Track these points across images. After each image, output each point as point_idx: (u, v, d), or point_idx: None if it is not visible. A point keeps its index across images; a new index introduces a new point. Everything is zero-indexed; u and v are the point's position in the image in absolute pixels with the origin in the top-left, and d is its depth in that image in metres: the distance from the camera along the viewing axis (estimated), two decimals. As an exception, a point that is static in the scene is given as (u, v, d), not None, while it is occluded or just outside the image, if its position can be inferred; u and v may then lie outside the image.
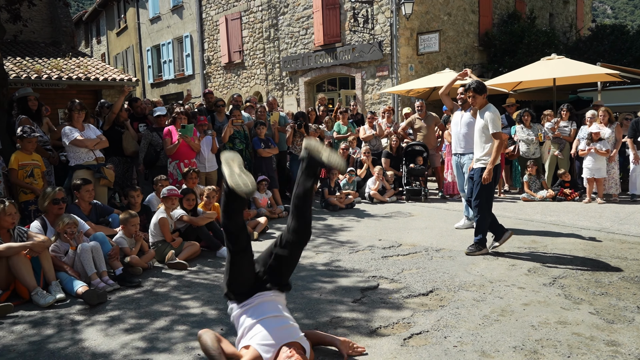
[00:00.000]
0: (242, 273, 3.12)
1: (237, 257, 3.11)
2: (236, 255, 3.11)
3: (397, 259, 5.33)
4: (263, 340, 2.87)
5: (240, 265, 3.12)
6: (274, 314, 3.02)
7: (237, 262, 3.11)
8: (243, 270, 3.12)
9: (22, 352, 3.34)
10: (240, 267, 3.12)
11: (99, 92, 15.00)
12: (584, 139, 8.66)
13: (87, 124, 6.28)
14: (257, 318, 2.98)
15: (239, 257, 3.11)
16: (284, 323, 2.99)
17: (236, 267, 3.11)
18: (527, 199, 8.91)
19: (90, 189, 5.44)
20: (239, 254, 3.11)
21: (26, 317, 3.97)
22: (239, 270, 3.12)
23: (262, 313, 3.00)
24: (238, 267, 3.11)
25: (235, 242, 3.11)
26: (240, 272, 3.12)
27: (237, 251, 3.11)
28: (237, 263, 3.11)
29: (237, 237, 3.11)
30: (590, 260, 5.08)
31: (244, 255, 3.13)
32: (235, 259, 3.11)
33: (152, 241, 5.58)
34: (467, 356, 3.09)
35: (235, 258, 3.11)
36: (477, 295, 4.16)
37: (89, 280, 4.56)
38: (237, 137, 7.90)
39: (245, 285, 3.12)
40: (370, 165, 9.42)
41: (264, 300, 3.09)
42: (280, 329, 2.93)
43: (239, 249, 3.11)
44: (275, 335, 2.87)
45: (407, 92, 13.04)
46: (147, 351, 3.30)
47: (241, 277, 3.12)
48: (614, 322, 3.53)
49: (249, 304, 3.07)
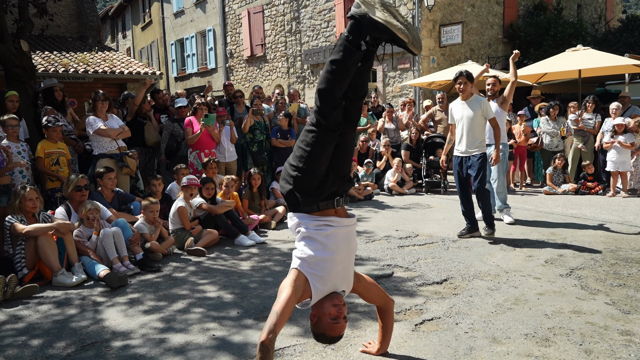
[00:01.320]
0: (322, 160, 2.48)
1: (327, 137, 2.44)
2: (326, 135, 2.44)
3: (413, 249, 5.34)
4: (317, 281, 2.52)
5: (324, 149, 2.45)
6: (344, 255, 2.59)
7: (323, 143, 2.44)
8: (324, 157, 2.48)
9: (47, 330, 3.48)
10: (323, 151, 2.45)
11: (124, 85, 15.29)
12: (608, 132, 8.48)
13: (110, 114, 6.44)
14: (327, 254, 2.52)
15: (328, 138, 2.45)
16: (348, 271, 2.65)
17: (319, 150, 2.44)
18: (549, 192, 8.79)
19: (112, 177, 5.58)
20: (329, 134, 2.44)
21: (50, 298, 4.13)
22: (321, 154, 2.46)
23: (334, 251, 2.53)
24: (321, 150, 2.44)
25: (329, 115, 2.41)
26: (320, 158, 2.47)
27: (331, 129, 2.43)
28: (322, 144, 2.44)
29: (336, 107, 2.42)
30: (610, 252, 5.00)
31: (333, 138, 2.46)
32: (323, 140, 2.44)
33: (172, 229, 5.70)
34: (478, 342, 3.10)
35: (323, 138, 2.43)
36: (492, 284, 4.15)
37: (110, 264, 4.71)
38: (257, 128, 7.98)
39: (315, 181, 2.50)
40: (389, 158, 9.41)
41: (338, 234, 2.56)
42: (343, 276, 2.61)
43: (334, 125, 2.44)
44: (332, 280, 2.55)
45: (429, 84, 12.94)
46: (164, 331, 3.40)
47: (319, 165, 2.48)
48: (629, 313, 3.49)
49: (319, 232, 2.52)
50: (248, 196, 6.89)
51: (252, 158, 7.96)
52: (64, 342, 3.27)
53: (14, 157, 5.42)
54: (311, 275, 2.51)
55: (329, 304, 2.53)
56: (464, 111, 5.78)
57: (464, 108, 5.79)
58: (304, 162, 2.47)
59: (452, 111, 5.99)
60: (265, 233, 6.37)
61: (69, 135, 6.53)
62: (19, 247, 4.50)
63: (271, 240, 5.96)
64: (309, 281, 2.50)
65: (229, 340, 3.22)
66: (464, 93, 5.75)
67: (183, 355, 3.04)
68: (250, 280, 4.47)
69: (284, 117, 8.30)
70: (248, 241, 5.73)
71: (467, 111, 5.75)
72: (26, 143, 5.84)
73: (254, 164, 7.80)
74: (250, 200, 6.92)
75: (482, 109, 5.68)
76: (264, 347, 2.32)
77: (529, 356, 2.90)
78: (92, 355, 3.07)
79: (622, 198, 8.12)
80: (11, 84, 7.49)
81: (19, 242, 4.51)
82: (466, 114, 5.76)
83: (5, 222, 4.56)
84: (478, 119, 5.70)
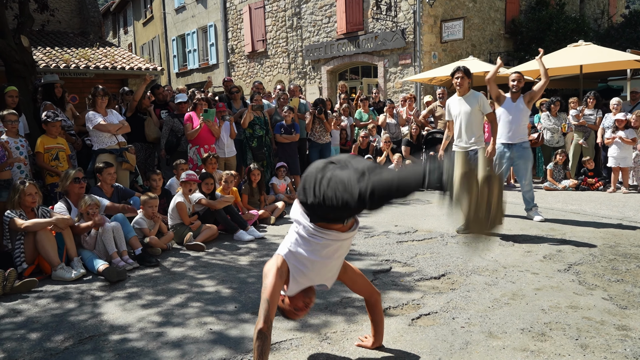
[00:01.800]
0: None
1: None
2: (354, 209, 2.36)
3: (412, 244, 5.34)
4: (297, 271, 2.55)
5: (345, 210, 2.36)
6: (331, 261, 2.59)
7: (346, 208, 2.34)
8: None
9: (45, 324, 3.50)
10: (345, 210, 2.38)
11: (126, 81, 15.29)
12: (609, 128, 8.46)
13: (110, 110, 6.44)
14: (316, 258, 2.52)
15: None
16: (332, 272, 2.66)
17: (340, 210, 2.35)
18: (549, 188, 8.77)
19: (112, 171, 5.59)
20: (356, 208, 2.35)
21: (49, 292, 4.15)
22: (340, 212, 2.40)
23: (324, 257, 2.54)
24: (343, 210, 2.36)
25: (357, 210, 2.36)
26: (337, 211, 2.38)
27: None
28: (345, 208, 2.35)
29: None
30: (608, 248, 5.00)
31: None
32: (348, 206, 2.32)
33: (171, 224, 5.72)
34: (474, 336, 3.11)
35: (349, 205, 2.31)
36: (489, 279, 4.15)
37: (109, 259, 4.73)
38: (257, 123, 7.97)
39: (332, 214, 2.45)
40: (389, 153, 9.40)
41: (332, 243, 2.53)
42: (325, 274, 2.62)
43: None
44: (313, 275, 2.58)
45: (430, 80, 12.91)
46: (162, 325, 3.42)
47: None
48: (627, 308, 3.49)
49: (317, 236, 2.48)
50: (248, 191, 6.90)
51: (251, 153, 7.96)
52: (62, 335, 3.29)
53: (13, 152, 5.43)
54: (295, 269, 2.55)
55: (300, 297, 2.64)
56: (462, 107, 5.78)
57: (461, 104, 5.79)
58: (326, 205, 2.34)
59: (449, 107, 5.99)
60: (265, 228, 6.38)
61: (69, 130, 6.55)
62: (18, 241, 4.52)
63: (270, 236, 5.97)
64: (291, 273, 2.55)
65: (226, 334, 3.24)
66: (462, 88, 5.74)
67: (180, 348, 3.05)
68: (249, 275, 4.48)
69: (289, 111, 8.27)
70: (247, 236, 5.74)
71: (465, 106, 5.75)
72: (25, 138, 5.85)
73: (254, 160, 7.81)
74: (250, 196, 6.93)
75: (479, 104, 5.70)
76: (262, 334, 2.37)
77: (525, 350, 2.91)
78: (90, 348, 3.08)
79: (622, 194, 8.11)
80: (11, 79, 7.49)
81: (18, 236, 4.53)
82: (463, 110, 5.76)
83: (5, 216, 4.57)
84: (475, 114, 5.72)
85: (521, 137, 6.12)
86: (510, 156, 6.16)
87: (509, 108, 6.10)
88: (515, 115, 6.06)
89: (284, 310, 2.72)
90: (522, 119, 6.09)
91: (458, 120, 5.82)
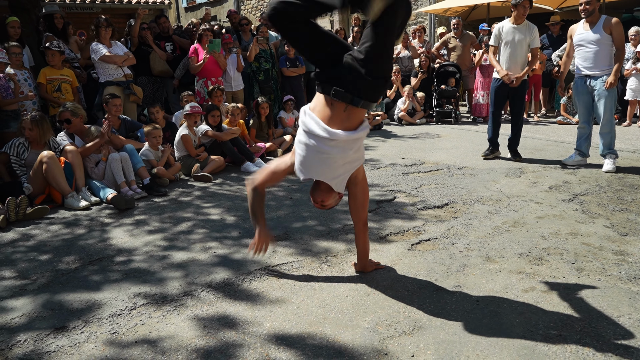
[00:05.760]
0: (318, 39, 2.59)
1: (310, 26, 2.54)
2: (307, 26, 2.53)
3: (417, 176, 5.34)
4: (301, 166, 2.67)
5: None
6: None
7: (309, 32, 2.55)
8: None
9: (56, 247, 3.63)
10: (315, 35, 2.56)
11: (133, 15, 14.95)
12: (628, 60, 8.13)
13: (114, 41, 6.35)
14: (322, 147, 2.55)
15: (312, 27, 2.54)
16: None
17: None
18: (562, 122, 8.60)
19: (117, 103, 5.57)
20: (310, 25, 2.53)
21: (60, 219, 4.27)
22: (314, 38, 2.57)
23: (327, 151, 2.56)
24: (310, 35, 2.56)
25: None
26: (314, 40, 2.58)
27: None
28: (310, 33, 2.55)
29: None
30: (616, 179, 4.94)
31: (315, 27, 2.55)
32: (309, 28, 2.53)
33: (178, 156, 5.76)
34: (471, 260, 3.15)
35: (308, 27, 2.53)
36: (492, 208, 4.16)
37: (118, 188, 4.82)
38: (263, 56, 7.82)
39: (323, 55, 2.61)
40: (399, 86, 9.22)
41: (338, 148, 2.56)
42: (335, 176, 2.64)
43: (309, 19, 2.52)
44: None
45: (445, 11, 12.39)
46: (167, 249, 3.52)
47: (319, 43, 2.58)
48: (627, 235, 3.50)
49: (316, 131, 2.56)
50: (256, 125, 6.87)
51: (258, 87, 7.86)
52: (72, 257, 3.41)
53: (20, 84, 5.43)
54: (298, 155, 2.70)
55: (317, 193, 2.71)
56: (515, 34, 5.71)
57: (515, 32, 5.71)
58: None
59: (500, 32, 5.82)
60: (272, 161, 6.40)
61: (73, 63, 6.49)
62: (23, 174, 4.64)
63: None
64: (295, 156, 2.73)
65: (229, 257, 3.33)
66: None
67: (183, 269, 3.15)
68: (254, 204, 4.54)
69: None
70: (254, 168, 5.77)
71: (518, 35, 5.70)
72: (29, 70, 5.82)
73: (261, 93, 7.72)
74: (258, 130, 6.91)
75: (531, 36, 5.69)
76: (256, 190, 2.84)
77: (520, 273, 2.95)
78: (98, 269, 3.20)
79: (637, 127, 7.92)
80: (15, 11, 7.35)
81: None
82: (517, 38, 5.70)
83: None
84: (524, 45, 5.72)
85: (602, 70, 5.33)
86: (589, 91, 5.46)
87: (585, 37, 5.37)
88: (595, 44, 5.30)
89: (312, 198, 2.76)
90: (602, 47, 5.29)
91: (507, 48, 5.77)
